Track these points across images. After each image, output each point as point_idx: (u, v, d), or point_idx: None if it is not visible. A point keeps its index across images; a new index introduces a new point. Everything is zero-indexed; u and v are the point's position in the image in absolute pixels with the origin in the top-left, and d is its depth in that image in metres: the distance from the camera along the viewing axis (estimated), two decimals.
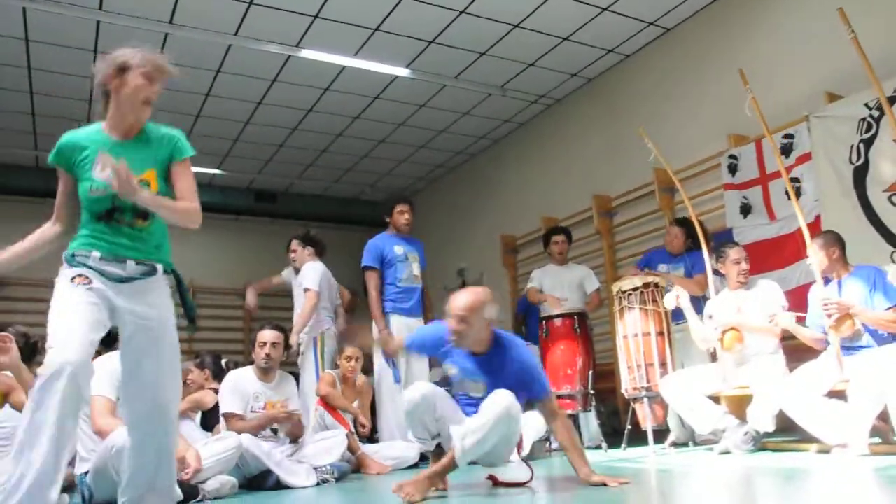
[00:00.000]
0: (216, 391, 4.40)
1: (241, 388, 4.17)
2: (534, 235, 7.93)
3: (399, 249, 5.32)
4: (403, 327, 5.16)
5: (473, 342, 3.21)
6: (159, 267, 2.49)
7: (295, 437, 4.29)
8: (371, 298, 5.23)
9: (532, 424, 4.87)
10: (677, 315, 4.79)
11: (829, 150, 5.05)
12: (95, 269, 2.37)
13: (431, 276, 7.86)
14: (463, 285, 9.46)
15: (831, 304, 3.70)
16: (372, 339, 4.90)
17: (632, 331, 4.69)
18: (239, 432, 3.82)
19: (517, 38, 6.57)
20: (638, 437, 4.79)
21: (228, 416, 4.10)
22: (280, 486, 3.79)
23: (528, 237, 8.29)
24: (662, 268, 5.23)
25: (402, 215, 5.38)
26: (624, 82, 7.16)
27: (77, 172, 2.46)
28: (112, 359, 3.50)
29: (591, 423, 5.28)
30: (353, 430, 4.64)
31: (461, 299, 3.16)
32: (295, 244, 5.98)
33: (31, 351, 3.60)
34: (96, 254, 2.38)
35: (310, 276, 5.54)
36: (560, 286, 5.88)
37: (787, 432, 4.20)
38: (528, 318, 6.88)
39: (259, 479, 3.81)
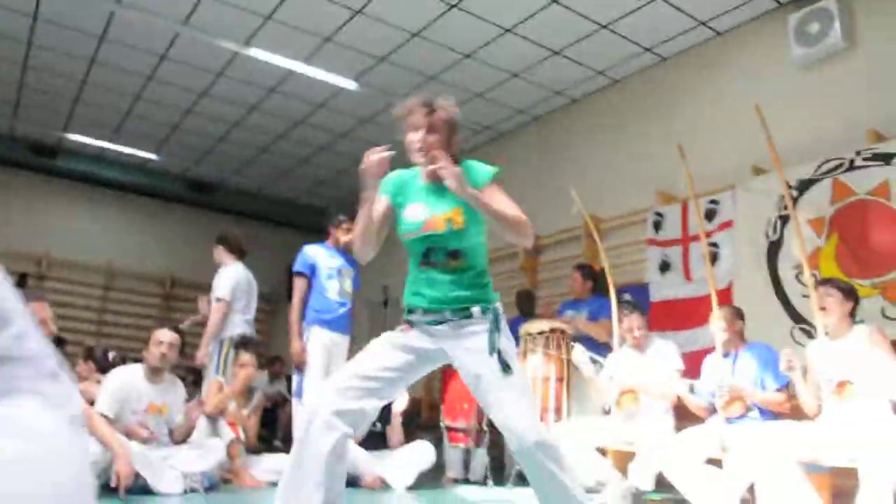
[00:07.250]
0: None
1: (124, 388, 3.95)
2: None
3: (334, 262, 4.97)
4: (327, 341, 4.81)
5: None
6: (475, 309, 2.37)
7: (183, 441, 4.12)
8: (292, 305, 4.90)
9: (421, 454, 4.83)
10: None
11: (750, 222, 5.19)
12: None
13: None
14: (385, 303, 9.45)
15: (724, 389, 3.79)
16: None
17: (531, 374, 4.70)
18: (92, 433, 3.45)
19: (467, 67, 6.61)
20: (524, 478, 4.78)
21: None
22: (146, 490, 3.58)
23: None
24: (569, 313, 5.26)
25: (346, 233, 4.92)
26: (566, 125, 7.25)
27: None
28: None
29: (479, 458, 5.24)
30: (241, 436, 4.49)
31: None
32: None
33: None
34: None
35: (221, 284, 5.21)
36: None
37: (665, 490, 4.24)
38: None
39: None
